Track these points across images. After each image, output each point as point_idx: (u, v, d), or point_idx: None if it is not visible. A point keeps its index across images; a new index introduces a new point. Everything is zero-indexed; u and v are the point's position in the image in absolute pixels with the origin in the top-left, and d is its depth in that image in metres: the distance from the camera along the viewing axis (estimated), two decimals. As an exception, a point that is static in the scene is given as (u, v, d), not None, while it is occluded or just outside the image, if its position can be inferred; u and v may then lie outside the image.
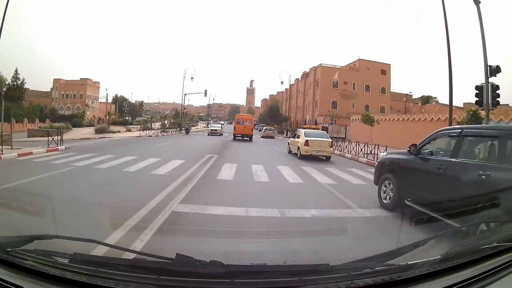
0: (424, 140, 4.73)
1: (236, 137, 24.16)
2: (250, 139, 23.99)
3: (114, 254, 2.00)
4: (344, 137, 30.42)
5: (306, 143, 12.33)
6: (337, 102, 43.66)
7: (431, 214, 3.91)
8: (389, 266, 1.21)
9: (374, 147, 13.79)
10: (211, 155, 11.83)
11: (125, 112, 54.19)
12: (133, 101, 72.00)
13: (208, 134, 30.26)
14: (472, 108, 12.51)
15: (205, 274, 1.10)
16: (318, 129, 20.12)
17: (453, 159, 4.00)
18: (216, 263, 1.12)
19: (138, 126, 31.45)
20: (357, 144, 15.00)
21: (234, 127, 25.21)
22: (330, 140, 13.24)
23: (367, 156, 13.72)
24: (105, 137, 21.64)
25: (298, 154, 12.90)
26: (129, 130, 31.18)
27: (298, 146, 12.99)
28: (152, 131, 28.10)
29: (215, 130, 31.79)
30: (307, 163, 10.98)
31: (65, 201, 4.36)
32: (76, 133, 26.49)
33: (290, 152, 14.81)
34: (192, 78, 38.89)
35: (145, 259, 1.21)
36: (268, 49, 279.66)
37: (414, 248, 1.36)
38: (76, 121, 42.16)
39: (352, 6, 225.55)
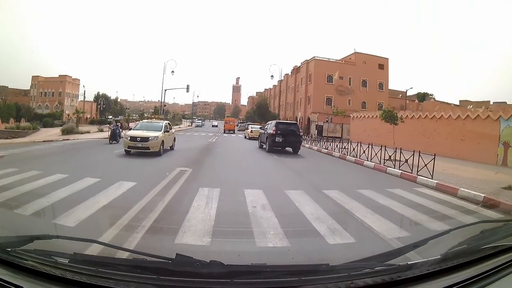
0: (266, 125, 17.39)
1: (225, 132, 38.54)
2: (234, 132, 38.89)
3: (114, 254, 2.00)
4: (340, 136, 28.85)
5: (251, 131, 26.41)
6: (332, 98, 40.73)
7: (265, 147, 15.42)
8: (389, 266, 1.21)
9: (395, 150, 10.56)
10: (183, 168, 8.09)
11: (101, 110, 50.96)
12: (118, 100, 68.79)
13: (126, 150, 11.26)
14: None
15: (205, 274, 1.10)
16: (259, 125, 30.16)
17: (265, 130, 16.26)
18: (216, 263, 1.12)
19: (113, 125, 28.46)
20: (383, 149, 11.39)
21: (224, 125, 41.97)
22: (260, 130, 23.97)
23: (399, 166, 9.89)
24: (68, 139, 19.21)
25: (247, 137, 26.65)
26: (101, 130, 27.09)
27: (248, 133, 27.19)
28: (126, 131, 25.34)
29: (144, 140, 11.14)
30: (327, 183, 7.51)
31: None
32: (43, 134, 24.08)
33: (245, 137, 27.65)
34: (172, 71, 36.46)
35: (145, 259, 1.21)
36: (255, 44, 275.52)
37: (414, 248, 1.36)
38: (47, 120, 39.42)
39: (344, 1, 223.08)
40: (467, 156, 14.54)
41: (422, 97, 51.28)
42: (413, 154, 9.43)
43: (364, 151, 12.61)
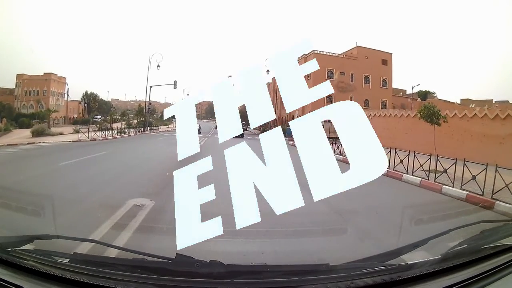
0: None
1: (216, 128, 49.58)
2: None
3: (114, 254, 2.00)
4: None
5: None
6: (333, 95, 39.84)
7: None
8: (389, 266, 1.21)
9: (455, 162, 7.74)
10: (138, 203, 4.55)
11: (83, 108, 49.97)
12: (109, 99, 66.35)
13: None
14: None
15: (205, 274, 1.10)
16: None
17: None
18: (216, 263, 1.12)
19: (94, 126, 26.16)
20: (432, 158, 8.42)
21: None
22: None
23: (461, 184, 7.18)
24: (34, 143, 16.84)
25: None
26: (77, 131, 23.95)
27: None
28: (105, 132, 23.19)
29: None
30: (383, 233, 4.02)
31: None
32: (14, 136, 21.56)
33: None
34: (158, 66, 34.18)
35: (145, 259, 1.21)
36: (247, 41, 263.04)
37: (414, 248, 1.35)
38: (23, 121, 36.92)
39: None
40: (506, 163, 11.50)
41: (424, 95, 50.58)
42: (486, 168, 6.97)
43: (401, 161, 9.62)
